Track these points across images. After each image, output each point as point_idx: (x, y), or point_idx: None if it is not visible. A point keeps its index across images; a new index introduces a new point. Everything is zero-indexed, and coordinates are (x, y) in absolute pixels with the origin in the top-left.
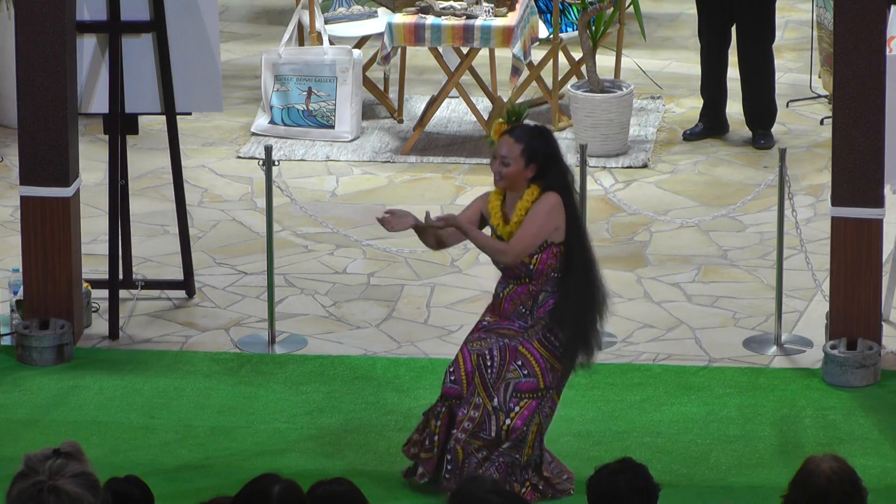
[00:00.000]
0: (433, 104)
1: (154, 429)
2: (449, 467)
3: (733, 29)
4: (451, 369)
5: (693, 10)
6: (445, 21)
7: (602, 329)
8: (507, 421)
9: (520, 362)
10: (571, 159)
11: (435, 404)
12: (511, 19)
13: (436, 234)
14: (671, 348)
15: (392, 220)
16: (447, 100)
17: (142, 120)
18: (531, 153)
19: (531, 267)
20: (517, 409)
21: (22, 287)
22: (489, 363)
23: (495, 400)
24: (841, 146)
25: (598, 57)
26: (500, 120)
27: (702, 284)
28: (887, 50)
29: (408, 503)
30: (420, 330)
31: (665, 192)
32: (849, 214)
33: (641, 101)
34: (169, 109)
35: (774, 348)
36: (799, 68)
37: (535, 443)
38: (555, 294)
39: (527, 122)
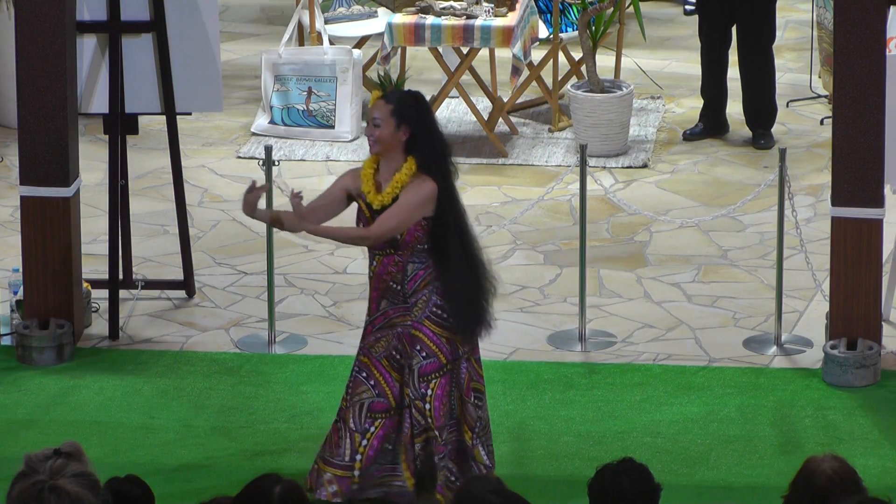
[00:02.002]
0: (433, 104)
1: (154, 429)
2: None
3: (733, 29)
4: (372, 383)
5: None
6: (445, 21)
7: (491, 303)
8: (426, 406)
9: (418, 347)
10: (571, 159)
11: (358, 419)
12: (511, 19)
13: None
14: (671, 348)
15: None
16: (447, 100)
17: (142, 120)
18: (401, 114)
19: (398, 238)
20: (430, 392)
21: (22, 287)
22: (400, 360)
23: (410, 391)
24: (841, 146)
25: (598, 57)
26: (378, 92)
27: (702, 284)
28: (887, 50)
29: None
30: None
31: (665, 192)
32: (849, 214)
33: (641, 101)
34: (169, 109)
35: (774, 348)
36: (799, 68)
37: (464, 415)
38: (423, 265)
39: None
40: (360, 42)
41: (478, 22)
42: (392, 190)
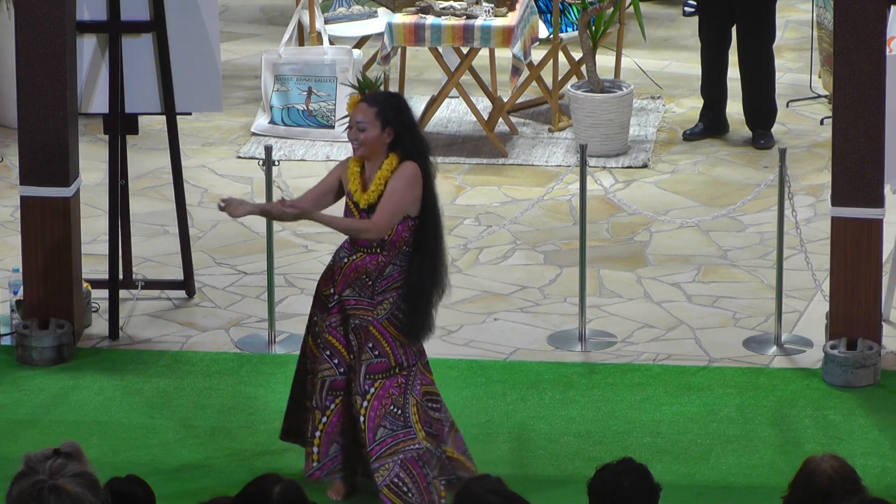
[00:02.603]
0: (433, 104)
1: (154, 429)
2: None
3: (733, 29)
4: (336, 361)
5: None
6: (445, 21)
7: (436, 310)
8: (364, 403)
9: (370, 344)
10: (571, 159)
11: (320, 396)
12: (511, 19)
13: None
14: (671, 348)
15: (229, 208)
16: (447, 100)
17: (142, 120)
18: (386, 116)
19: (385, 237)
20: (372, 390)
21: (22, 287)
22: (352, 348)
23: (355, 384)
24: (841, 146)
25: (598, 57)
26: (354, 93)
27: (702, 284)
28: (887, 50)
29: None
30: None
31: (665, 192)
32: (849, 214)
33: (641, 101)
34: (169, 109)
35: (774, 348)
36: (799, 68)
37: (423, 420)
38: (401, 268)
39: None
40: (360, 42)
41: (478, 22)
42: (377, 188)
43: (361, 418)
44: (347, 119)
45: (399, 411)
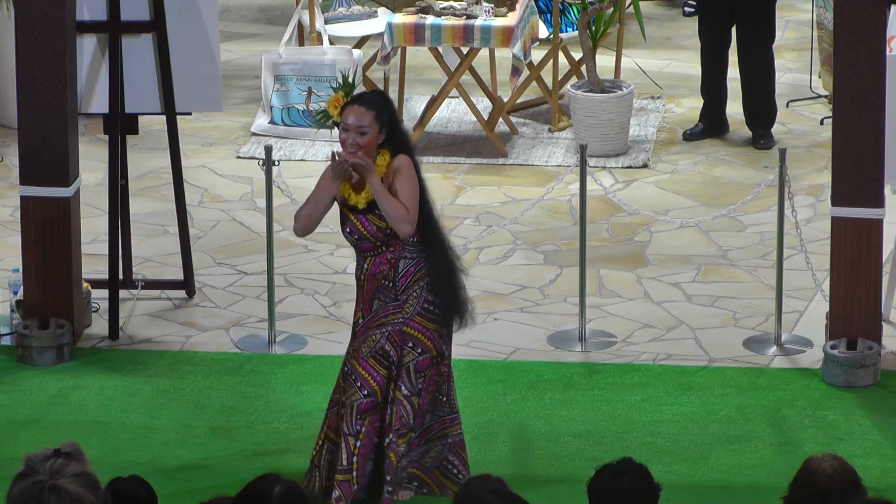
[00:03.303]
0: (433, 104)
1: (154, 429)
2: (388, 477)
3: (733, 29)
4: (359, 385)
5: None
6: (445, 21)
7: (465, 290)
8: (419, 401)
9: (410, 344)
10: (571, 159)
11: (350, 422)
12: (511, 19)
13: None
14: (671, 348)
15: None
16: (447, 100)
17: (142, 120)
18: (382, 119)
19: (388, 231)
20: (422, 385)
21: (22, 287)
22: (390, 358)
23: (403, 388)
24: (841, 146)
25: (598, 57)
26: (340, 94)
27: (702, 284)
28: (887, 50)
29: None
30: None
31: (665, 192)
32: (849, 214)
33: (641, 101)
34: (169, 109)
35: (774, 348)
36: (799, 68)
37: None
38: (414, 261)
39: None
40: (360, 42)
41: (478, 22)
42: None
43: (409, 415)
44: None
45: (444, 398)
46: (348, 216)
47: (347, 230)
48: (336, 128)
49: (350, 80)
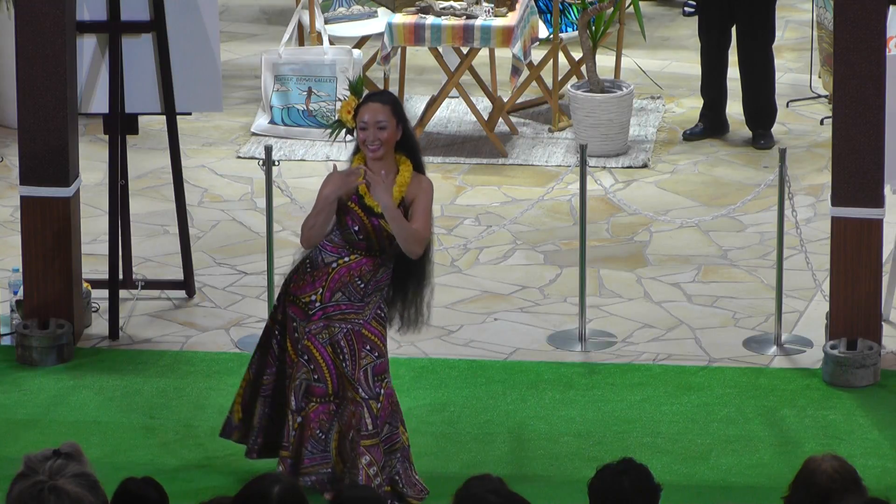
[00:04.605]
0: (433, 104)
1: (154, 429)
2: (347, 466)
3: (733, 29)
4: (312, 367)
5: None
6: (445, 21)
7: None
8: (378, 405)
9: (368, 346)
10: (571, 159)
11: (298, 397)
12: (511, 19)
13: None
14: (671, 348)
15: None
16: (447, 100)
17: (142, 120)
18: (398, 113)
19: (393, 241)
20: (382, 391)
21: (22, 287)
22: (343, 354)
23: (361, 390)
24: (841, 146)
25: (598, 57)
26: (351, 98)
27: (702, 284)
28: (887, 50)
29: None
30: None
31: (665, 192)
32: (849, 214)
33: (641, 101)
34: (169, 109)
35: (774, 348)
36: (799, 68)
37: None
38: (391, 271)
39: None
40: (360, 42)
41: (478, 22)
42: (398, 193)
43: (369, 419)
44: (343, 134)
45: (397, 407)
46: (357, 212)
47: (355, 227)
48: (351, 135)
49: (357, 82)
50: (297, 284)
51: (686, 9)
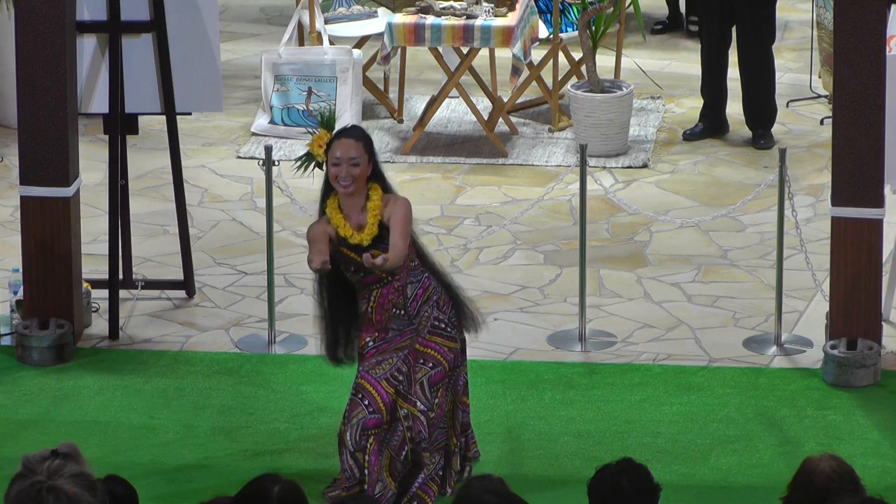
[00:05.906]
0: (433, 104)
1: (154, 429)
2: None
3: (733, 29)
4: (367, 402)
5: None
6: (445, 21)
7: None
8: (432, 415)
9: (422, 360)
10: (571, 159)
11: (355, 437)
12: (511, 19)
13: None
14: (671, 348)
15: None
16: (447, 100)
17: (142, 120)
18: (370, 149)
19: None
20: (437, 400)
21: (22, 287)
22: (400, 378)
23: (419, 404)
24: (841, 146)
25: (598, 57)
26: (323, 132)
27: (702, 284)
28: (887, 50)
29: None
30: None
31: (665, 192)
32: (849, 214)
33: (641, 101)
34: (169, 109)
35: (774, 348)
36: (799, 68)
37: (454, 419)
38: (420, 284)
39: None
40: (360, 42)
41: (478, 22)
42: (374, 219)
43: (425, 426)
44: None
45: (447, 413)
46: (349, 255)
47: (352, 269)
48: (320, 168)
49: (328, 116)
50: (359, 334)
51: (690, 28)
